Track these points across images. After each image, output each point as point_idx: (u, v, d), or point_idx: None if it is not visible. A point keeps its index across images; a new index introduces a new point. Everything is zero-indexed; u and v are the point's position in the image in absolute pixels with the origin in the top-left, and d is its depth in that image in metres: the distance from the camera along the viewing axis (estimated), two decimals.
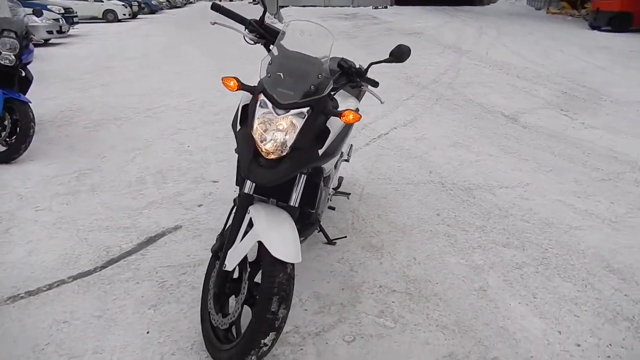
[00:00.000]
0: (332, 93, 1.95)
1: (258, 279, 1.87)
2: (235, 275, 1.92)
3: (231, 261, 1.79)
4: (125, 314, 2.19)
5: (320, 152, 1.86)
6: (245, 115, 1.88)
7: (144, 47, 11.86)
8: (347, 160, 2.90)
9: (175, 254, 2.68)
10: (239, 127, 1.90)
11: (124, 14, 21.60)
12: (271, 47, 1.91)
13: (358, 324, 2.14)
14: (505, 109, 5.83)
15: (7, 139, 3.98)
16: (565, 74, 7.87)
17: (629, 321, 2.15)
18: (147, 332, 2.08)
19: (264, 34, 2.04)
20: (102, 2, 20.80)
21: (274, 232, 1.73)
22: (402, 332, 2.09)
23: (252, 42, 2.08)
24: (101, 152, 4.28)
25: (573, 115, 5.58)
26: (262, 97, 1.76)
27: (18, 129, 3.96)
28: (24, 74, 4.35)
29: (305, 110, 1.74)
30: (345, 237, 2.80)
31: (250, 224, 1.80)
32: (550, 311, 2.21)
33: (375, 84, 2.12)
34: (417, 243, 2.80)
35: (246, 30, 2.04)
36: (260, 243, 1.72)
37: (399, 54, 1.98)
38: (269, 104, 1.73)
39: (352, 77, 2.03)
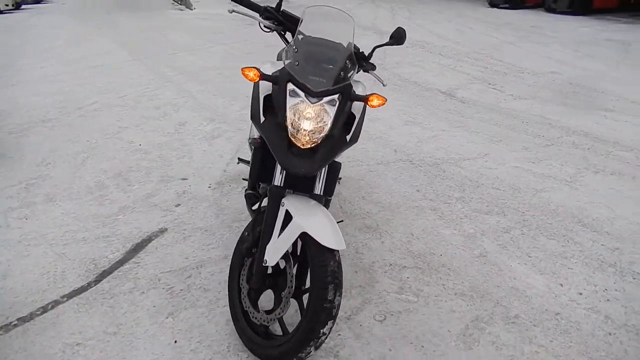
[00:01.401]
0: None
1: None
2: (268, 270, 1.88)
3: (272, 256, 1.76)
4: (143, 327, 2.06)
5: (348, 137, 1.87)
6: (268, 106, 1.83)
7: (46, 41, 10.78)
8: None
9: (172, 258, 2.55)
10: (262, 118, 1.84)
11: (6, 4, 19.37)
12: (287, 34, 1.87)
13: (383, 302, 2.20)
14: (440, 86, 6.14)
15: None
16: (481, 50, 8.43)
17: (613, 267, 2.42)
18: (175, 342, 1.98)
19: (283, 20, 1.98)
20: None
21: (316, 221, 1.72)
22: (427, 305, 2.18)
23: (268, 30, 2.01)
24: (42, 159, 3.89)
25: (501, 88, 6.02)
26: (291, 86, 1.72)
27: None
28: None
29: (336, 97, 1.73)
30: (342, 220, 2.83)
31: (286, 217, 1.77)
32: (547, 267, 2.43)
33: (374, 67, 2.17)
34: (408, 219, 2.90)
35: (261, 17, 1.97)
36: (303, 234, 1.70)
37: (399, 37, 2.06)
38: (301, 93, 1.70)
39: (360, 61, 2.06)
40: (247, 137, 4.03)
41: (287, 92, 1.71)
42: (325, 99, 1.71)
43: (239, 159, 3.03)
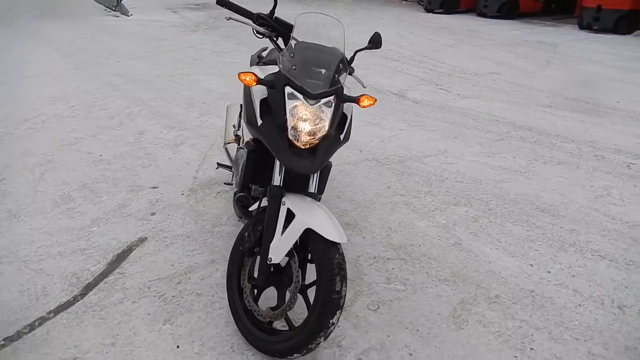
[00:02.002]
0: None
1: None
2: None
3: (277, 253, 1.81)
4: (142, 335, 2.05)
5: (341, 137, 1.97)
6: (264, 109, 1.90)
7: None
8: None
9: (157, 266, 2.53)
10: (260, 121, 1.90)
11: None
12: (279, 40, 1.94)
13: (374, 293, 2.31)
14: (391, 88, 6.38)
15: None
16: (424, 53, 8.82)
17: (573, 246, 2.68)
18: (177, 347, 1.98)
19: (276, 27, 2.05)
20: None
21: (317, 217, 1.80)
22: (415, 292, 2.32)
23: (261, 36, 2.07)
24: None
25: (447, 89, 6.35)
26: (289, 89, 1.79)
27: None
28: None
29: (332, 98, 1.83)
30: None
31: (287, 215, 1.84)
32: (516, 250, 2.64)
33: (354, 70, 2.29)
34: (384, 215, 3.04)
35: (255, 23, 2.03)
36: (307, 230, 1.77)
37: (377, 40, 2.21)
38: (300, 95, 1.78)
39: None
40: (219, 143, 4.03)
41: (286, 95, 1.79)
42: (323, 100, 1.80)
43: (218, 164, 3.04)
